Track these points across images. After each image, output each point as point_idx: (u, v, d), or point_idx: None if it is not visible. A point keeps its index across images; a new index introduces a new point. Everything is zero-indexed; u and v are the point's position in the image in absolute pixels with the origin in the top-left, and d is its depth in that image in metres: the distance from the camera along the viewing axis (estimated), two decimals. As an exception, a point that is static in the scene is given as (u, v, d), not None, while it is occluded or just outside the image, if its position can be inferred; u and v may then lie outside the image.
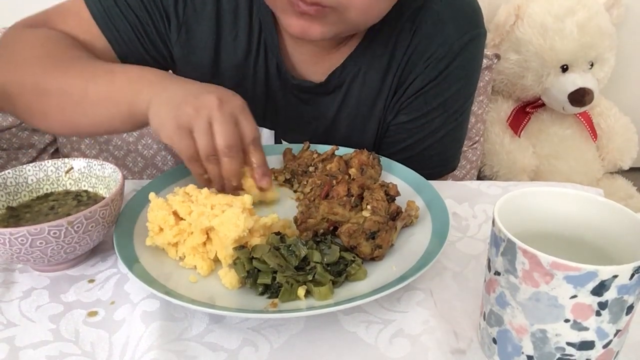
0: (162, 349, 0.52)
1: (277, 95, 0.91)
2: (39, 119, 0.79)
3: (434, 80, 0.87)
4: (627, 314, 0.44)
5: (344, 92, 0.89)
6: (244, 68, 0.88)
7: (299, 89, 0.90)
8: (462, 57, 0.86)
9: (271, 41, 0.86)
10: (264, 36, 0.86)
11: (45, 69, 0.76)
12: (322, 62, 0.87)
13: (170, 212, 0.62)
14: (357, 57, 0.87)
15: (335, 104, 0.90)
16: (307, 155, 0.79)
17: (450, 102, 0.89)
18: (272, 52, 0.87)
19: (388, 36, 0.86)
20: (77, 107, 0.74)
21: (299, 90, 0.90)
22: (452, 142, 0.95)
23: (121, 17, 0.83)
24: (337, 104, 0.90)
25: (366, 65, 0.87)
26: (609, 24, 1.63)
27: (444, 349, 0.52)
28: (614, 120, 1.76)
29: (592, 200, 0.50)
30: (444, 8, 0.85)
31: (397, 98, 0.90)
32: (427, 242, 0.63)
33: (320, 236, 0.63)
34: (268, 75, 0.89)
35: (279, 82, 0.89)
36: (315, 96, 0.90)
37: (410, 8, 0.85)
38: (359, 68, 0.87)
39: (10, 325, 0.56)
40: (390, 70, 0.87)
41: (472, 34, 0.86)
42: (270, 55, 0.87)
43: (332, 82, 0.88)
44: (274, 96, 0.91)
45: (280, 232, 0.62)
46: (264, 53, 0.87)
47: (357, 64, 0.87)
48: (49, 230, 0.56)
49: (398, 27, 0.85)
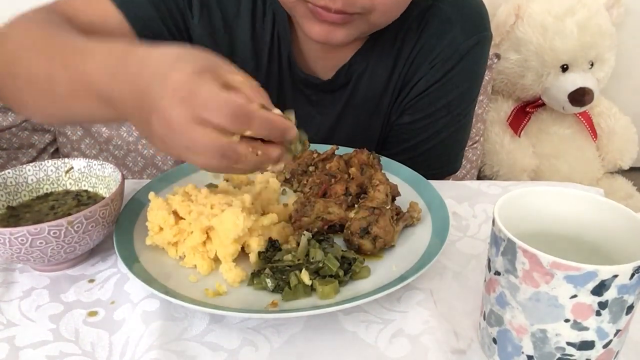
0: (162, 349, 0.52)
1: (287, 90, 0.91)
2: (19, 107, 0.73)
3: (439, 82, 0.87)
4: (627, 314, 0.44)
5: (351, 89, 0.89)
6: (259, 58, 0.87)
7: (306, 84, 0.89)
8: (468, 59, 0.86)
9: (284, 34, 0.86)
10: (277, 28, 0.86)
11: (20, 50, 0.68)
12: (331, 58, 0.87)
13: (170, 211, 0.62)
14: (365, 53, 0.87)
15: (342, 101, 0.90)
16: (307, 155, 0.79)
17: (455, 104, 0.89)
18: (284, 45, 0.86)
19: (396, 33, 0.86)
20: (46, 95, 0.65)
21: (305, 85, 0.90)
22: (455, 144, 0.95)
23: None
24: (343, 102, 0.90)
25: (374, 62, 0.87)
26: (609, 24, 1.63)
27: (444, 349, 0.52)
28: (614, 120, 1.76)
29: (592, 200, 0.50)
30: (452, 9, 0.85)
31: (402, 98, 0.90)
32: (428, 242, 0.63)
33: (320, 235, 0.63)
34: (281, 68, 0.89)
35: (289, 75, 0.89)
36: (322, 93, 0.90)
37: (419, 7, 0.85)
38: (367, 64, 0.87)
39: (10, 325, 0.56)
40: (397, 68, 0.88)
41: (478, 36, 0.86)
42: (283, 47, 0.87)
43: (339, 78, 0.88)
44: (284, 90, 0.91)
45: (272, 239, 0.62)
46: (277, 44, 0.87)
47: (365, 60, 0.87)
48: (49, 230, 0.56)
49: (406, 25, 0.85)
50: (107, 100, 0.58)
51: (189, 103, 0.49)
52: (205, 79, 0.49)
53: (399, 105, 0.90)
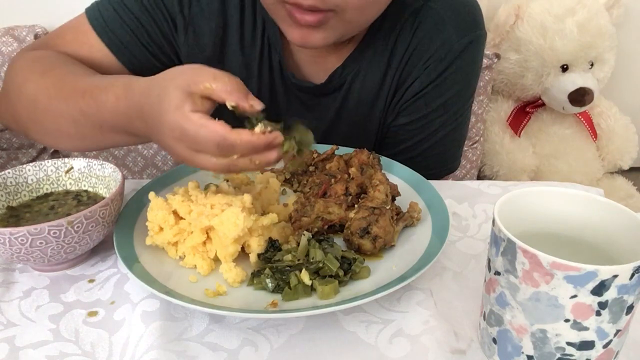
0: (162, 349, 0.52)
1: (280, 96, 0.91)
2: (53, 145, 0.80)
3: (433, 82, 0.86)
4: (627, 314, 0.44)
5: (345, 92, 0.89)
6: (250, 67, 0.88)
7: (299, 89, 0.89)
8: (462, 59, 0.86)
9: (274, 40, 0.86)
10: (268, 34, 0.86)
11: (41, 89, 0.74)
12: (323, 62, 0.87)
13: (170, 211, 0.62)
14: (357, 56, 0.87)
15: (336, 104, 0.90)
16: (307, 155, 0.79)
17: (450, 104, 0.89)
18: (275, 50, 0.87)
19: (388, 35, 0.85)
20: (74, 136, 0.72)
21: (299, 90, 0.90)
22: (452, 143, 0.95)
23: (123, 25, 0.83)
24: (337, 105, 0.90)
25: (367, 65, 0.87)
26: (609, 24, 1.63)
27: (444, 349, 0.52)
28: (614, 120, 1.76)
29: (592, 200, 0.50)
30: (444, 8, 0.85)
31: (397, 99, 0.89)
32: (427, 242, 0.63)
33: (320, 235, 0.63)
34: (272, 75, 0.89)
35: (281, 81, 0.89)
36: (316, 97, 0.90)
37: (411, 8, 0.84)
38: (359, 67, 0.87)
39: (10, 325, 0.56)
40: (390, 70, 0.87)
41: (472, 35, 0.86)
42: (273, 53, 0.87)
43: (332, 82, 0.88)
44: (277, 96, 0.91)
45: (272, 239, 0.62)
46: (267, 51, 0.87)
47: (358, 63, 0.87)
48: (49, 230, 0.56)
49: (398, 26, 0.85)
50: (133, 134, 0.67)
51: (184, 141, 0.57)
52: (186, 112, 0.56)
53: (394, 107, 0.90)
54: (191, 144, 0.56)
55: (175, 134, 0.57)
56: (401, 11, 0.84)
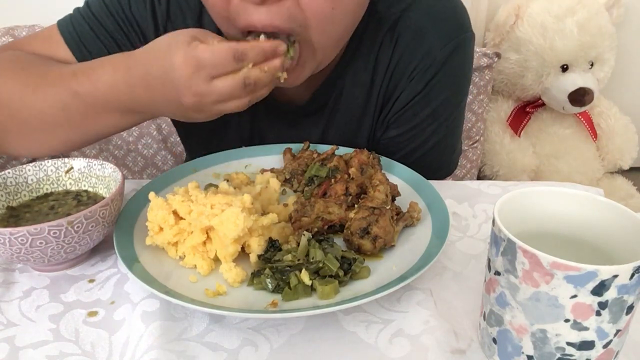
0: (162, 349, 0.52)
1: (262, 119, 0.89)
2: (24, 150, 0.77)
3: (420, 93, 0.84)
4: (627, 314, 0.44)
5: (330, 110, 0.88)
6: None
7: (284, 111, 0.88)
8: (447, 65, 0.83)
9: None
10: None
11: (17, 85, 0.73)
12: (305, 82, 0.81)
13: (170, 211, 0.62)
14: (339, 73, 0.85)
15: (322, 123, 0.89)
16: (307, 155, 0.79)
17: (440, 111, 0.87)
18: None
19: (369, 50, 0.83)
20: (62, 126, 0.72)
21: (283, 112, 0.88)
22: (446, 149, 0.93)
23: (95, 39, 0.82)
24: (323, 124, 0.89)
25: (350, 82, 0.85)
26: (609, 24, 1.63)
27: (444, 349, 0.52)
28: (614, 120, 1.76)
29: (592, 200, 0.50)
30: (423, 17, 0.82)
31: (385, 113, 0.88)
32: (427, 242, 0.63)
33: (320, 235, 0.63)
34: None
35: (263, 104, 0.82)
36: (300, 117, 0.89)
37: (388, 21, 0.82)
38: (343, 85, 0.86)
39: (10, 325, 0.56)
40: (375, 86, 0.86)
41: (456, 41, 0.83)
42: None
43: (316, 101, 0.87)
44: (258, 120, 0.90)
45: (272, 239, 0.62)
46: None
47: (341, 80, 0.85)
48: (49, 230, 0.56)
49: (378, 41, 0.83)
50: (129, 109, 0.67)
51: (200, 70, 0.61)
52: (197, 44, 0.61)
53: (382, 121, 0.89)
54: (209, 69, 0.61)
55: (190, 67, 0.61)
56: (379, 27, 0.81)
